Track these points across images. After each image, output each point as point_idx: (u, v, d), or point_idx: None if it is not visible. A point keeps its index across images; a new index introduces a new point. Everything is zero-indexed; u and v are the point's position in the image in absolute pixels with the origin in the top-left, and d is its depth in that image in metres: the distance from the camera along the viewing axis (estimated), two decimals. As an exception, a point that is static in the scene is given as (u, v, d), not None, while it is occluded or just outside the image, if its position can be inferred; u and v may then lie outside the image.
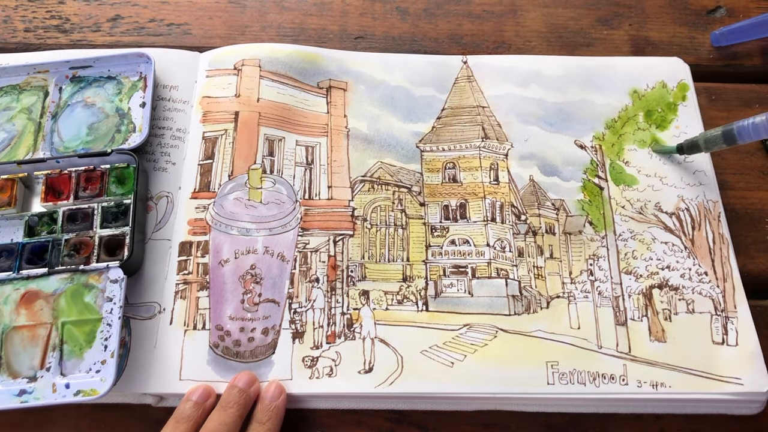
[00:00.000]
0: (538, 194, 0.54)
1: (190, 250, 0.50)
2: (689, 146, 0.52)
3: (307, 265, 0.51)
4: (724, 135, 0.49)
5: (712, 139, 0.50)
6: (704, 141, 0.50)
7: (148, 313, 0.48)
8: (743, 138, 0.47)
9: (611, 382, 0.46)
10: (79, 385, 0.43)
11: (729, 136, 0.48)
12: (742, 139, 0.48)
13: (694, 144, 0.51)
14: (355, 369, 0.46)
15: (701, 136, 0.51)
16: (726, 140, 0.49)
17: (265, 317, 0.48)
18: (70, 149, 0.52)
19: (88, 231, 0.49)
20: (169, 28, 0.62)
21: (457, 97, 0.58)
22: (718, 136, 0.49)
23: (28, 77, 0.56)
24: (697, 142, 0.51)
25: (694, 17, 0.64)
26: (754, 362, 0.46)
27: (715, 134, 0.49)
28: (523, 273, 0.51)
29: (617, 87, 0.58)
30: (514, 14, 0.64)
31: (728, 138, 0.48)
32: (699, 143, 0.51)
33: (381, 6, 0.65)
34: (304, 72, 0.58)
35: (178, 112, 0.56)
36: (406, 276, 0.51)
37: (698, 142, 0.51)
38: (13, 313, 0.45)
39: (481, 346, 0.47)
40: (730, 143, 0.49)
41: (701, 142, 0.51)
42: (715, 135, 0.49)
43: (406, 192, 0.55)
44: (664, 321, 0.49)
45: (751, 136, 0.47)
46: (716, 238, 0.52)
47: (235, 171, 0.53)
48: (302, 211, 0.52)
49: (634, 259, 0.51)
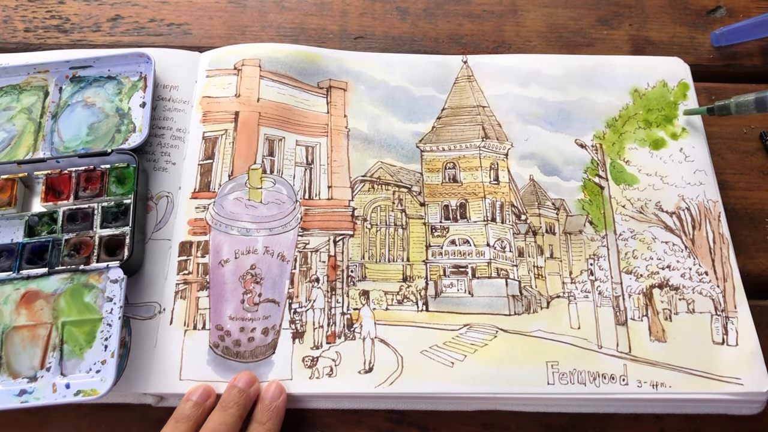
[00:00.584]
0: (538, 194, 0.54)
1: (190, 250, 0.50)
2: (720, 108, 0.53)
3: (307, 265, 0.51)
4: (756, 101, 0.51)
5: (744, 104, 0.52)
6: (736, 105, 0.52)
7: (148, 313, 0.48)
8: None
9: (611, 382, 0.46)
10: (79, 385, 0.43)
11: (761, 103, 0.51)
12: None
13: (725, 107, 0.53)
14: (355, 369, 0.46)
15: (733, 100, 0.52)
16: (757, 106, 0.51)
17: (265, 317, 0.48)
18: (70, 149, 0.52)
19: (88, 231, 0.49)
20: (169, 28, 0.62)
21: (457, 97, 0.58)
22: (750, 101, 0.51)
23: (28, 77, 0.56)
24: (729, 105, 0.53)
25: (694, 17, 0.64)
26: (754, 362, 0.46)
27: (748, 99, 0.51)
28: (523, 273, 0.51)
29: (618, 86, 0.58)
30: (514, 14, 0.64)
31: (760, 104, 0.51)
32: (730, 106, 0.52)
33: (381, 6, 0.65)
34: (304, 72, 0.58)
35: (178, 112, 0.56)
36: (406, 276, 0.51)
37: (729, 105, 0.53)
38: (13, 313, 0.45)
39: (481, 346, 0.47)
40: (760, 110, 0.51)
41: (732, 105, 0.52)
42: (747, 100, 0.51)
43: (406, 192, 0.55)
44: (664, 321, 0.49)
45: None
46: (716, 237, 0.52)
47: (235, 171, 0.53)
48: (302, 211, 0.52)
49: (634, 259, 0.51)
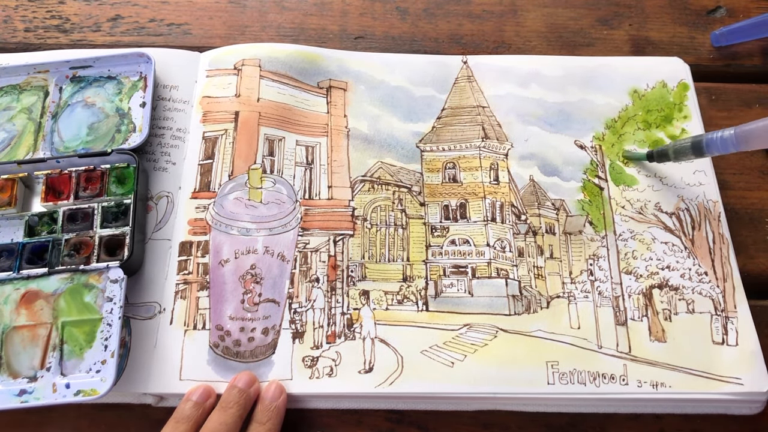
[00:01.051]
0: (538, 194, 0.54)
1: (190, 250, 0.50)
2: (659, 154, 0.51)
3: (307, 265, 0.51)
4: (693, 146, 0.48)
5: (681, 150, 0.49)
6: (673, 151, 0.50)
7: (148, 313, 0.48)
8: (711, 150, 0.47)
9: (611, 382, 0.46)
10: (79, 385, 0.43)
11: (697, 148, 0.48)
12: (710, 151, 0.47)
13: (664, 153, 0.51)
14: (355, 369, 0.46)
15: (671, 146, 0.50)
16: (694, 151, 0.48)
17: (265, 317, 0.48)
18: (70, 149, 0.52)
19: (88, 231, 0.49)
20: (169, 28, 0.62)
21: (457, 97, 0.58)
22: (686, 146, 0.49)
23: (29, 77, 0.56)
24: (667, 151, 0.50)
25: (694, 17, 0.64)
26: (754, 362, 0.46)
27: (684, 145, 0.49)
28: (523, 273, 0.51)
29: (617, 87, 0.58)
30: (514, 14, 0.64)
31: (696, 149, 0.48)
32: (668, 152, 0.50)
33: (381, 6, 0.65)
34: (304, 72, 0.58)
35: (178, 112, 0.56)
36: (406, 276, 0.51)
37: (668, 151, 0.50)
38: (13, 313, 0.45)
39: (481, 346, 0.47)
40: (698, 155, 0.48)
41: (671, 151, 0.50)
42: (684, 145, 0.49)
43: (406, 192, 0.55)
44: (664, 321, 0.49)
45: (719, 149, 0.46)
46: (716, 238, 0.52)
47: (235, 171, 0.53)
48: (302, 211, 0.52)
49: (634, 259, 0.51)
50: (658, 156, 0.52)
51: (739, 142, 0.45)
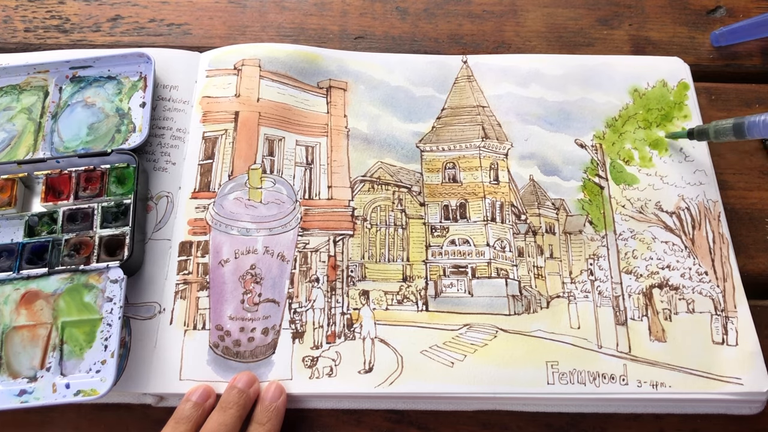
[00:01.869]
0: (538, 194, 0.54)
1: (190, 250, 0.50)
2: (699, 132, 0.52)
3: (307, 265, 0.51)
4: (735, 127, 0.49)
5: (722, 130, 0.50)
6: (714, 130, 0.50)
7: (148, 313, 0.48)
8: (752, 133, 0.48)
9: (611, 382, 0.46)
10: (79, 385, 0.43)
11: (738, 130, 0.49)
12: (751, 134, 0.48)
13: (704, 131, 0.52)
14: (355, 369, 0.46)
15: (712, 125, 0.51)
16: (735, 133, 0.49)
17: (265, 317, 0.48)
18: (70, 149, 0.52)
19: (88, 231, 0.49)
20: (169, 28, 0.62)
21: (457, 97, 0.58)
22: (728, 127, 0.49)
23: (28, 77, 0.56)
24: (707, 130, 0.51)
25: (694, 17, 0.64)
26: (754, 362, 0.46)
27: (726, 125, 0.49)
28: (523, 273, 0.51)
29: (618, 85, 0.58)
30: (514, 14, 0.64)
31: (738, 131, 0.49)
32: (709, 131, 0.51)
33: (381, 6, 0.65)
34: (304, 72, 0.58)
35: (178, 112, 0.56)
36: (406, 276, 0.51)
37: (708, 131, 0.51)
38: (13, 313, 0.45)
39: (481, 346, 0.47)
40: (738, 136, 0.49)
41: (711, 131, 0.51)
42: (725, 126, 0.50)
43: (406, 192, 0.55)
44: (664, 321, 0.49)
45: (761, 133, 0.47)
46: (716, 237, 0.52)
47: (235, 171, 0.53)
48: (302, 211, 0.52)
49: (634, 259, 0.51)
50: (698, 134, 0.52)
51: None
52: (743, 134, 0.48)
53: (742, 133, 0.49)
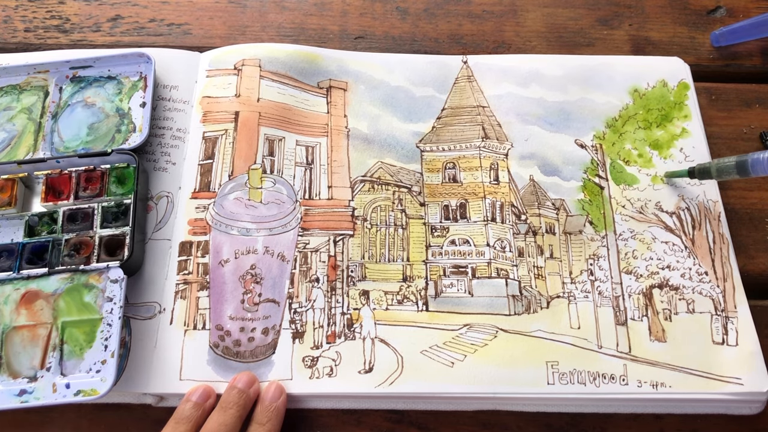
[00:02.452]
0: (538, 194, 0.54)
1: (190, 250, 0.50)
2: (700, 171, 0.50)
3: (307, 265, 0.51)
4: (738, 166, 0.47)
5: (725, 168, 0.48)
6: (717, 169, 0.48)
7: (148, 313, 0.48)
8: (756, 171, 0.45)
9: (611, 382, 0.46)
10: (79, 385, 0.43)
11: (742, 168, 0.46)
12: (756, 172, 0.45)
13: (705, 170, 0.49)
14: (355, 369, 0.46)
15: (713, 164, 0.49)
16: (739, 171, 0.47)
17: (265, 317, 0.48)
18: (71, 149, 0.52)
19: (88, 231, 0.49)
20: (170, 28, 0.62)
21: (457, 97, 0.58)
22: (731, 166, 0.47)
23: (29, 77, 0.56)
24: (709, 168, 0.49)
25: (694, 17, 0.64)
26: (754, 362, 0.46)
27: (729, 163, 0.47)
28: (523, 273, 0.51)
29: (618, 85, 0.58)
30: (514, 14, 0.64)
31: (741, 169, 0.46)
32: (711, 170, 0.49)
33: (381, 6, 0.65)
34: (304, 72, 0.58)
35: (179, 112, 0.56)
36: (406, 276, 0.51)
37: (710, 169, 0.49)
38: (13, 313, 0.45)
39: (481, 346, 0.47)
40: (742, 174, 0.46)
41: (713, 169, 0.49)
42: (728, 164, 0.47)
43: (406, 192, 0.55)
44: (664, 321, 0.49)
45: (765, 170, 0.45)
46: (716, 237, 0.52)
47: (235, 171, 0.53)
48: (302, 211, 0.52)
49: (634, 259, 0.51)
50: (700, 173, 0.50)
51: None
52: (747, 172, 0.46)
53: (746, 171, 0.46)
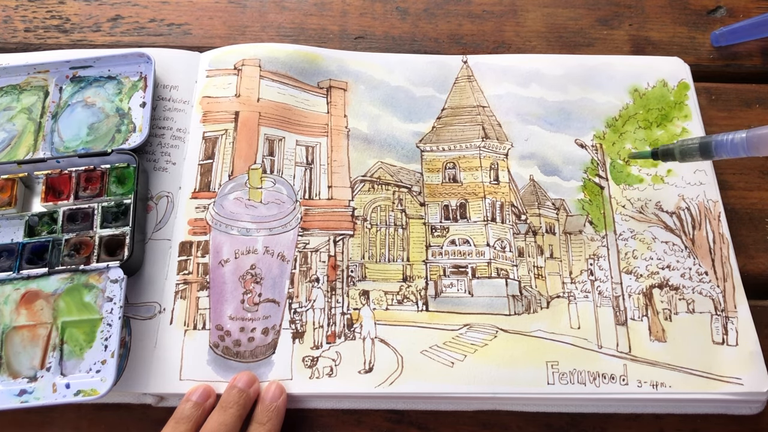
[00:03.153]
0: (538, 194, 0.54)
1: (190, 250, 0.50)
2: (664, 153, 0.49)
3: (307, 265, 0.51)
4: (701, 147, 0.46)
5: (688, 150, 0.47)
6: (680, 151, 0.47)
7: (148, 313, 0.48)
8: (719, 153, 0.45)
9: (611, 382, 0.46)
10: (79, 385, 0.43)
11: (705, 150, 0.45)
12: (719, 154, 0.45)
13: (669, 152, 0.48)
14: (355, 369, 0.46)
15: (677, 145, 0.48)
16: (702, 153, 0.46)
17: (265, 317, 0.48)
18: (71, 149, 0.52)
19: (88, 231, 0.49)
20: (170, 28, 0.62)
21: (457, 97, 0.58)
22: (694, 147, 0.46)
23: (29, 77, 0.56)
24: (673, 150, 0.48)
25: (694, 17, 0.64)
26: (754, 362, 0.46)
27: (692, 145, 0.46)
28: (523, 273, 0.51)
29: (618, 85, 0.58)
30: (514, 14, 0.64)
31: (705, 151, 0.46)
32: (674, 152, 0.48)
33: (381, 6, 0.65)
34: (304, 72, 0.58)
35: (179, 112, 0.56)
36: (406, 276, 0.51)
37: (673, 151, 0.48)
38: (13, 313, 0.45)
39: (481, 346, 0.47)
40: (705, 157, 0.46)
41: (677, 151, 0.47)
42: (691, 146, 0.46)
43: (406, 192, 0.55)
44: (664, 321, 0.49)
45: (728, 153, 0.44)
46: (716, 237, 0.52)
47: (235, 171, 0.53)
48: (302, 211, 0.52)
49: (634, 259, 0.51)
50: (663, 155, 0.49)
51: (749, 147, 0.43)
52: (710, 154, 0.45)
53: (709, 153, 0.45)
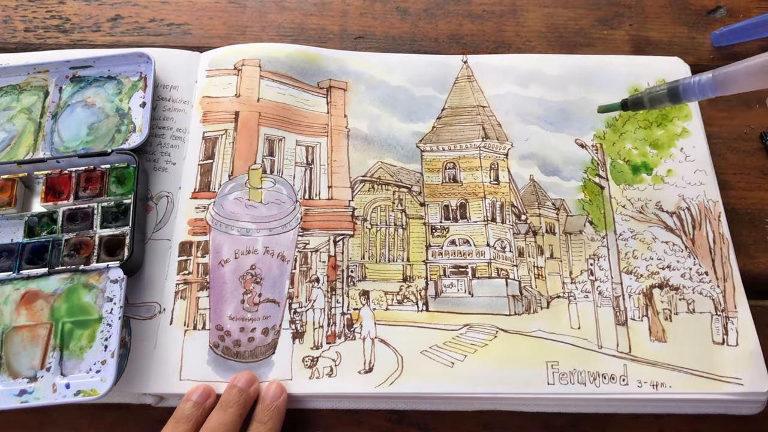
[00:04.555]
0: (538, 194, 0.54)
1: (190, 250, 0.50)
2: (633, 102, 0.49)
3: (307, 265, 0.51)
4: (669, 92, 0.46)
5: (657, 97, 0.47)
6: (649, 98, 0.48)
7: (148, 313, 0.48)
8: (688, 96, 0.45)
9: (611, 382, 0.46)
10: (79, 385, 0.43)
11: (674, 94, 0.46)
12: (687, 97, 0.45)
13: (638, 101, 0.49)
14: (355, 369, 0.46)
15: (646, 93, 0.48)
16: (671, 98, 0.46)
17: (265, 317, 0.48)
18: (70, 149, 0.52)
19: (88, 231, 0.49)
20: (170, 28, 0.62)
21: (458, 97, 0.58)
22: (663, 93, 0.47)
23: (28, 77, 0.56)
24: (642, 98, 0.48)
25: (694, 17, 0.64)
26: (754, 362, 0.46)
27: (660, 92, 0.47)
28: (524, 273, 0.51)
29: (618, 85, 0.58)
30: (514, 14, 0.64)
31: (673, 96, 0.46)
32: (644, 100, 0.48)
33: (381, 6, 0.65)
34: (304, 72, 0.58)
35: (179, 112, 0.56)
36: (406, 276, 0.51)
37: (643, 99, 0.48)
38: (13, 313, 0.45)
39: (481, 346, 0.47)
40: (674, 101, 0.46)
41: (646, 98, 0.48)
42: (659, 92, 0.47)
43: (406, 192, 0.55)
44: (664, 321, 0.49)
45: (696, 95, 0.45)
46: (716, 237, 0.52)
47: (235, 171, 0.53)
48: (302, 211, 0.52)
49: (634, 259, 0.51)
50: (633, 104, 0.49)
51: (717, 86, 0.43)
52: (679, 98, 0.46)
53: (677, 97, 0.46)
